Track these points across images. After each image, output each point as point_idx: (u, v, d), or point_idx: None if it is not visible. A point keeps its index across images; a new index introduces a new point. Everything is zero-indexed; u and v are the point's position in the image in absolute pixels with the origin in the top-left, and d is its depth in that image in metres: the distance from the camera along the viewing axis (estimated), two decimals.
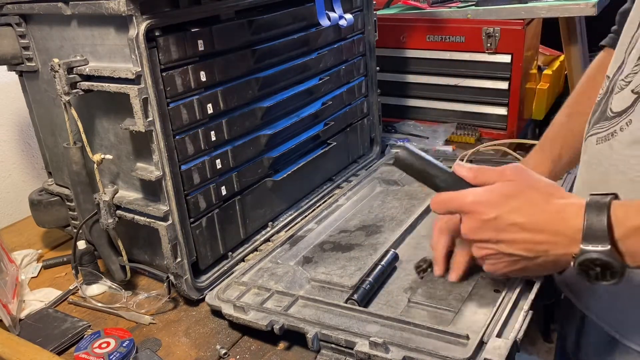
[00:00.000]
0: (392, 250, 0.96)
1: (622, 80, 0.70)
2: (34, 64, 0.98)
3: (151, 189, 0.91)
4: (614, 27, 0.90)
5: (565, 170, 1.02)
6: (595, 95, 0.81)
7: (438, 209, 0.74)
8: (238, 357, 0.82)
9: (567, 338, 0.88)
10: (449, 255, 0.86)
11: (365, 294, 0.87)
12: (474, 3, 1.51)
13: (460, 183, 0.73)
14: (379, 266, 0.92)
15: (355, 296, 0.85)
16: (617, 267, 0.58)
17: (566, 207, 0.63)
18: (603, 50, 0.93)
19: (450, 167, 0.76)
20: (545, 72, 1.64)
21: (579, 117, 0.87)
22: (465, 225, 0.69)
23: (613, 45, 0.87)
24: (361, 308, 0.84)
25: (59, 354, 0.85)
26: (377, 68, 1.38)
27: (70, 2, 0.85)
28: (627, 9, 0.85)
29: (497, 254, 0.67)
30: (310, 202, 1.21)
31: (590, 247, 0.59)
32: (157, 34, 0.83)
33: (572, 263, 0.61)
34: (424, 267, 0.91)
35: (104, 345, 0.82)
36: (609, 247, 0.58)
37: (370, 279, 0.89)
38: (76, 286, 1.00)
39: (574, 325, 0.85)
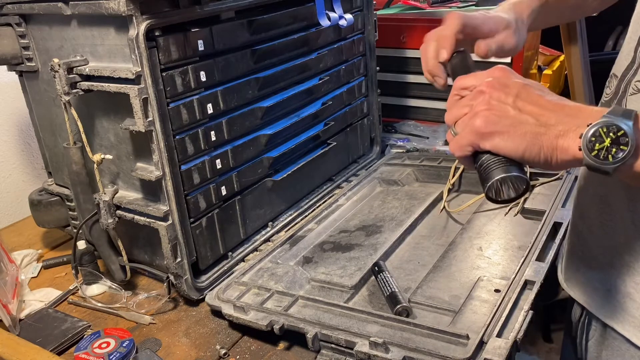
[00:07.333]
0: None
1: (638, 81, 0.69)
2: (34, 64, 0.98)
3: (151, 189, 0.91)
4: None
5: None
6: None
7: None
8: (238, 357, 0.82)
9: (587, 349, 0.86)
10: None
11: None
12: (474, 3, 1.51)
13: None
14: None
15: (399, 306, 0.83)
16: (631, 141, 0.54)
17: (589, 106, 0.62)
18: None
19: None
20: (545, 72, 1.64)
21: None
22: (489, 79, 0.64)
23: None
24: (361, 308, 0.84)
25: (59, 354, 0.85)
26: (377, 68, 1.38)
27: (70, 2, 0.85)
28: None
29: (505, 107, 0.62)
30: (310, 202, 1.21)
31: (610, 117, 0.56)
32: (157, 34, 0.83)
33: (580, 135, 0.57)
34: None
35: (104, 345, 0.82)
36: (631, 123, 0.55)
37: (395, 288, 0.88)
38: (76, 286, 1.00)
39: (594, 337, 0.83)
